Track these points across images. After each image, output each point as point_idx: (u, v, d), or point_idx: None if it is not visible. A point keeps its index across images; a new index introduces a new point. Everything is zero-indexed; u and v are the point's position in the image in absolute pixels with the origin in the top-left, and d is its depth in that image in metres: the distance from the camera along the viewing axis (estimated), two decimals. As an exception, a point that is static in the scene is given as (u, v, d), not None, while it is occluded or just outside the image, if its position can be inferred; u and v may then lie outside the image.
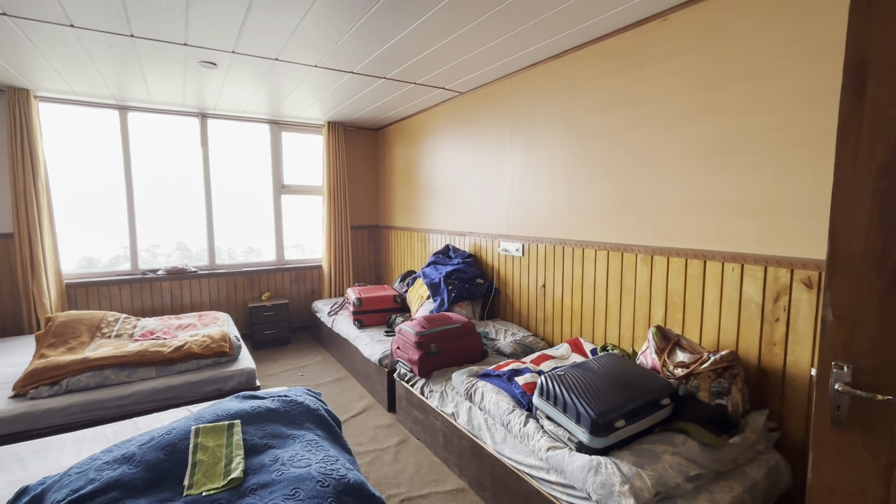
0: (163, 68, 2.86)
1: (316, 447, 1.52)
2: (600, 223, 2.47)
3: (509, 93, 3.05)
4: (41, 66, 2.86)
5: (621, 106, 2.30)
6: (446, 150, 3.82)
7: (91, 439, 1.85)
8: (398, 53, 2.63)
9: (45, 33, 2.31)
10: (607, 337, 2.48)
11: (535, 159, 2.87)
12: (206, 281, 4.27)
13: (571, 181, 2.62)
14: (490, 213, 3.33)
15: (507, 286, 3.22)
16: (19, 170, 3.32)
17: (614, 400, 1.62)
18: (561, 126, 2.67)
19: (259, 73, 2.98)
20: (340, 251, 4.79)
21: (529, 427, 1.78)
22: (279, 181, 4.66)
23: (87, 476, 1.33)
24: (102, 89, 3.36)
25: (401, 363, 2.67)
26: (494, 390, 2.04)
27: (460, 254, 3.52)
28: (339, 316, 3.89)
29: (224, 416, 1.59)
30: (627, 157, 2.29)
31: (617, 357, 1.93)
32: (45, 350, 2.56)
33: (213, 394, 2.54)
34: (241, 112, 4.16)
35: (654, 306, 2.22)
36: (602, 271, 2.48)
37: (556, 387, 1.71)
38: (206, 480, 1.33)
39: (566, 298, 2.72)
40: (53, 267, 3.53)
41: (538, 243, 2.89)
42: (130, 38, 2.38)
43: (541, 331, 2.94)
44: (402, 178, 4.62)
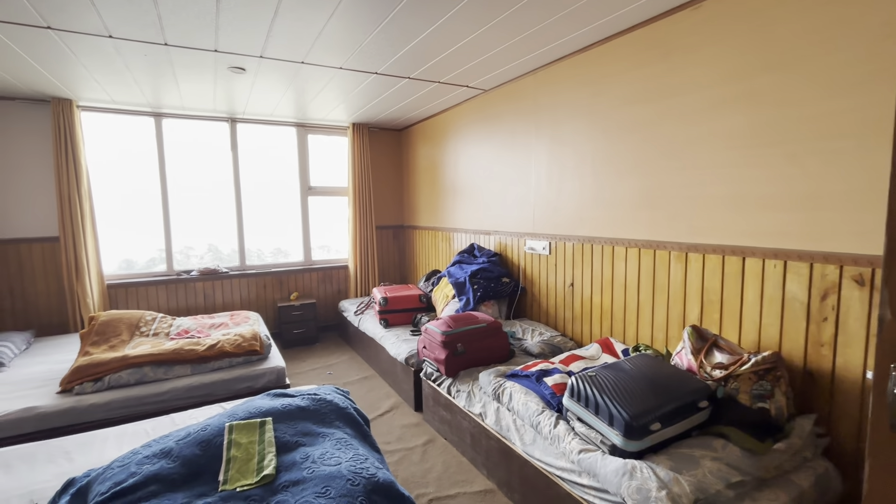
0: (194, 75, 2.95)
1: (346, 445, 1.53)
2: (630, 220, 2.40)
3: (534, 89, 3.00)
4: (83, 77, 3.00)
5: (650, 99, 2.23)
6: (470, 149, 3.80)
7: (131, 434, 1.92)
8: (421, 53, 2.63)
9: (85, 45, 2.41)
10: (639, 337, 2.41)
11: (562, 156, 2.81)
12: (236, 281, 4.39)
13: (599, 177, 2.56)
14: (515, 212, 3.29)
15: (534, 285, 3.18)
16: (63, 177, 3.50)
17: (649, 402, 1.56)
18: (587, 121, 2.61)
19: (286, 76, 3.03)
20: (366, 251, 4.84)
21: (560, 429, 1.74)
22: (306, 183, 4.74)
23: (128, 469, 1.38)
24: (139, 97, 3.49)
25: (427, 362, 2.67)
26: (523, 391, 2.01)
27: (485, 253, 3.50)
28: (366, 315, 3.92)
29: (256, 414, 1.62)
30: (657, 151, 2.22)
31: (650, 357, 1.87)
32: (88, 348, 2.68)
33: (244, 391, 2.60)
34: (268, 116, 4.26)
35: (689, 305, 2.14)
36: (633, 269, 2.41)
37: (587, 388, 1.67)
38: (239, 476, 1.36)
39: (595, 297, 2.66)
40: (96, 268, 3.70)
41: (565, 241, 2.84)
42: (165, 47, 2.46)
43: (569, 330, 2.88)
44: (426, 178, 4.63)
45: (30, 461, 1.72)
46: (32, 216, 3.61)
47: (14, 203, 3.55)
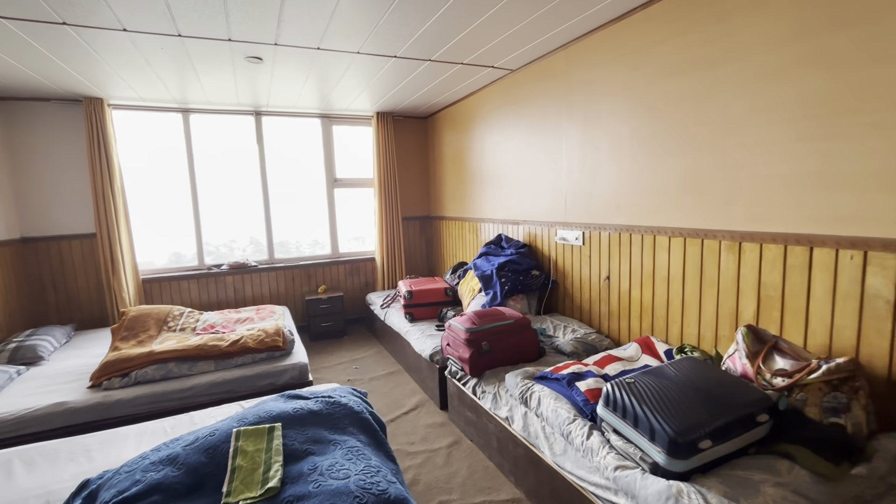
0: (213, 67, 2.91)
1: (357, 455, 1.43)
2: (674, 206, 2.15)
3: (565, 66, 2.76)
4: (109, 75, 3.02)
5: (698, 68, 1.96)
6: (497, 134, 3.60)
7: (151, 432, 1.90)
8: (441, 32, 2.46)
9: (103, 40, 2.39)
10: (684, 336, 2.18)
11: (596, 137, 2.58)
12: (265, 275, 4.41)
13: (638, 159, 2.32)
14: (546, 200, 3.07)
15: (566, 278, 2.97)
16: (98, 174, 3.58)
17: (698, 415, 1.36)
18: (625, 98, 2.36)
19: (304, 64, 2.93)
20: (392, 243, 4.75)
21: (593, 440, 1.56)
22: (332, 175, 4.69)
23: (133, 477, 1.32)
24: (164, 93, 3.51)
25: (451, 360, 2.54)
26: (552, 395, 1.84)
27: (514, 244, 3.31)
28: (392, 309, 3.84)
29: (266, 418, 1.54)
30: (706, 127, 1.96)
31: (698, 361, 1.66)
32: (118, 343, 2.73)
33: (266, 388, 2.56)
34: (292, 108, 4.21)
35: (743, 301, 1.89)
36: (677, 260, 2.17)
37: (624, 396, 1.48)
38: (243, 488, 1.28)
39: (634, 292, 2.44)
40: (131, 264, 3.79)
41: (600, 230, 2.61)
42: (179, 38, 2.41)
43: (605, 327, 2.67)
44: (452, 167, 4.46)
45: (52, 459, 1.73)
46: (71, 213, 3.73)
47: (54, 201, 3.67)
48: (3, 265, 3.29)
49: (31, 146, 3.58)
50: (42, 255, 3.67)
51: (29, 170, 3.59)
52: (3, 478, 1.61)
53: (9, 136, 3.52)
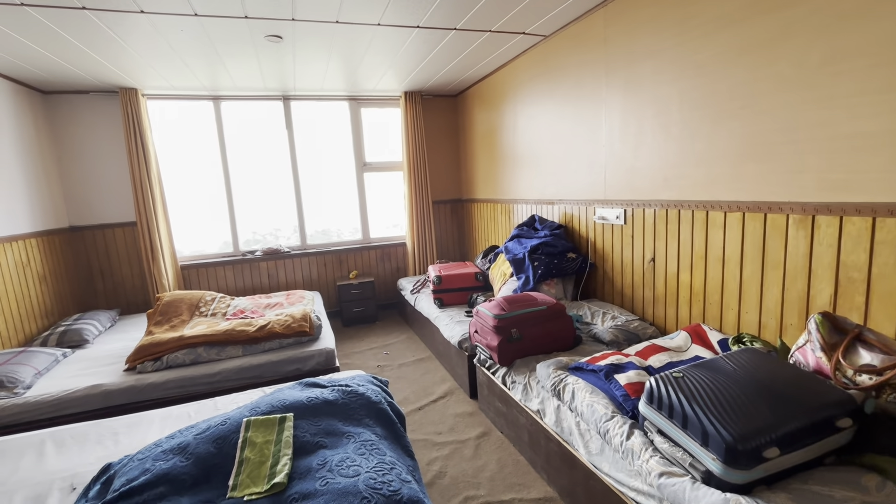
0: (235, 48, 2.85)
1: (371, 450, 1.33)
2: (732, 177, 1.88)
3: (603, 26, 2.49)
4: (140, 65, 3.05)
5: (765, 10, 1.67)
6: (530, 108, 3.36)
7: (175, 417, 1.90)
8: (465, -7, 2.26)
9: (123, 24, 2.38)
10: (741, 324, 1.92)
11: (639, 103, 2.31)
12: (298, 261, 4.43)
13: (689, 125, 2.05)
14: (583, 176, 2.84)
15: (606, 261, 2.74)
16: (135, 164, 3.67)
17: (762, 417, 1.15)
18: (673, 55, 2.08)
19: (324, 40, 2.82)
20: (423, 227, 4.63)
21: (634, 441, 1.38)
22: (361, 159, 4.61)
23: (143, 465, 1.29)
24: (194, 81, 3.52)
25: (480, 348, 2.40)
26: (588, 389, 1.66)
27: (548, 225, 3.10)
28: (422, 294, 3.74)
29: (279, 408, 1.47)
30: (774, 81, 1.68)
31: (760, 354, 1.43)
32: (152, 327, 2.79)
33: (293, 374, 2.54)
34: (319, 90, 4.14)
35: (815, 285, 1.62)
36: (734, 239, 1.91)
37: (671, 392, 1.29)
38: (249, 482, 1.21)
39: (683, 275, 2.19)
40: (169, 251, 3.89)
41: (644, 208, 2.37)
42: (196, 18, 2.35)
43: (649, 314, 2.43)
44: (484, 146, 4.26)
45: (81, 441, 1.75)
46: (113, 202, 3.86)
47: (97, 191, 3.81)
48: (53, 252, 3.46)
49: (74, 138, 3.72)
50: (89, 243, 3.83)
51: (74, 161, 3.73)
52: (34, 459, 1.64)
53: (55, 129, 3.66)
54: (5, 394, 2.17)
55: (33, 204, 3.27)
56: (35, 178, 3.33)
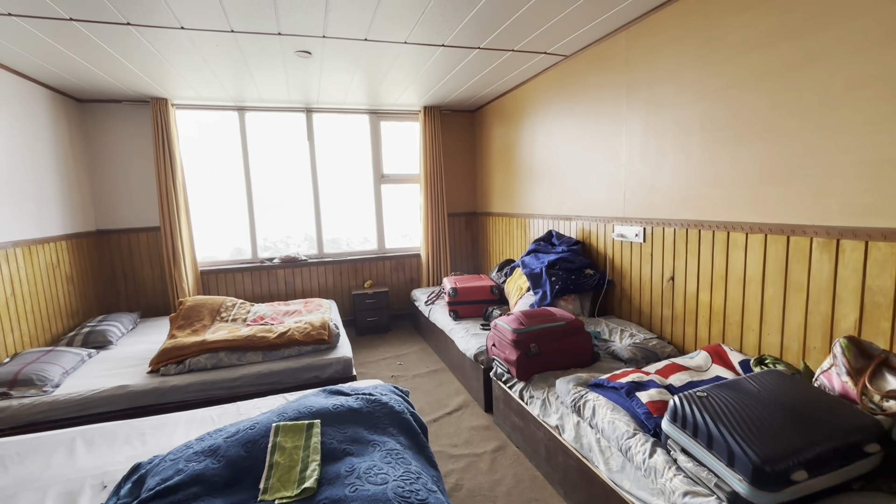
0: (265, 63, 2.96)
1: (396, 459, 1.35)
2: (753, 198, 1.90)
3: (625, 47, 2.55)
4: (172, 76, 3.16)
5: (787, 37, 1.71)
6: (549, 125, 3.41)
7: (200, 420, 1.94)
8: (490, 16, 2.33)
9: (163, 39, 2.49)
10: (763, 346, 1.92)
11: (660, 123, 2.35)
12: (314, 269, 4.49)
13: (710, 146, 2.08)
14: (602, 193, 2.87)
15: (624, 278, 2.75)
16: (162, 171, 3.78)
17: (788, 439, 1.16)
18: (694, 77, 2.12)
19: (351, 56, 2.92)
20: (438, 239, 4.68)
21: (657, 459, 1.39)
22: (379, 171, 4.69)
23: (176, 466, 1.32)
24: (221, 92, 3.64)
25: (497, 362, 2.42)
26: (609, 405, 1.67)
27: (565, 240, 3.12)
28: (436, 306, 3.77)
29: (306, 414, 1.50)
30: (797, 106, 1.70)
31: (784, 376, 1.43)
32: (175, 331, 2.85)
33: (311, 381, 2.57)
34: (341, 104, 4.24)
35: (840, 309, 1.63)
36: (756, 260, 1.92)
37: (696, 412, 1.30)
38: (280, 486, 1.24)
39: (702, 294, 2.19)
40: (190, 256, 3.98)
41: (664, 226, 2.39)
42: (232, 34, 2.46)
43: (667, 332, 2.44)
44: (500, 161, 4.32)
45: (110, 440, 1.80)
46: (139, 208, 3.97)
47: (124, 196, 3.93)
48: (82, 255, 3.56)
49: (105, 145, 3.84)
50: (114, 246, 3.94)
51: (104, 167, 3.86)
52: (66, 456, 1.69)
53: (87, 137, 3.79)
54: (35, 391, 2.23)
55: (64, 207, 3.38)
56: (67, 182, 3.45)
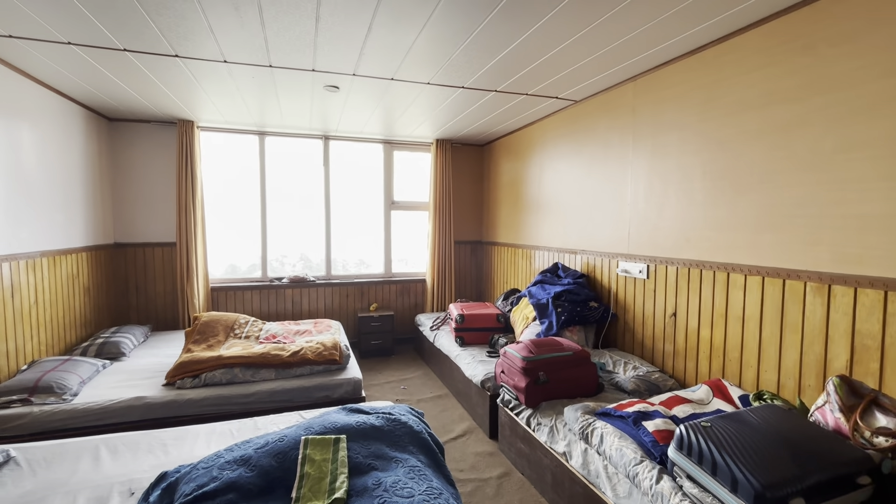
0: (294, 94, 3.15)
1: (419, 475, 1.43)
2: (751, 243, 2.05)
3: (632, 97, 2.76)
4: (202, 100, 3.35)
5: (782, 101, 1.90)
6: (556, 163, 3.61)
7: (219, 433, 2.00)
8: (510, 64, 2.54)
9: (205, 70, 2.67)
10: (760, 382, 2.03)
11: (664, 169, 2.53)
12: (322, 290, 4.58)
13: (711, 193, 2.24)
14: (607, 230, 3.02)
15: (627, 312, 2.87)
16: (183, 190, 3.92)
17: (786, 468, 1.26)
18: (697, 130, 2.31)
19: (376, 93, 3.12)
20: (444, 266, 4.81)
21: (664, 486, 1.48)
22: (389, 197, 4.86)
23: (210, 473, 1.39)
24: (246, 117, 3.83)
25: (505, 389, 2.50)
26: (617, 433, 1.76)
27: (571, 273, 3.26)
28: (441, 331, 3.85)
29: (331, 429, 1.58)
30: (791, 162, 1.88)
31: (782, 411, 1.54)
32: (191, 345, 2.91)
33: (322, 400, 2.63)
34: (358, 133, 4.44)
35: (832, 349, 1.75)
36: (754, 300, 2.05)
37: (700, 440, 1.40)
38: (311, 495, 1.31)
39: (703, 331, 2.31)
40: (203, 272, 4.07)
41: (667, 264, 2.53)
42: (269, 69, 2.65)
43: (668, 366, 2.54)
44: (508, 193, 4.50)
45: (133, 449, 1.86)
46: (156, 223, 4.09)
47: (143, 211, 4.05)
48: (99, 267, 3.65)
49: (130, 162, 3.99)
50: (129, 259, 4.03)
51: (126, 183, 3.99)
52: (91, 462, 1.74)
53: (114, 154, 3.95)
54: (55, 399, 2.28)
55: (87, 220, 3.49)
56: (92, 196, 3.57)
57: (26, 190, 2.75)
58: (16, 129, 2.66)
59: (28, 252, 2.75)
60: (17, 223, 2.67)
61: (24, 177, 2.73)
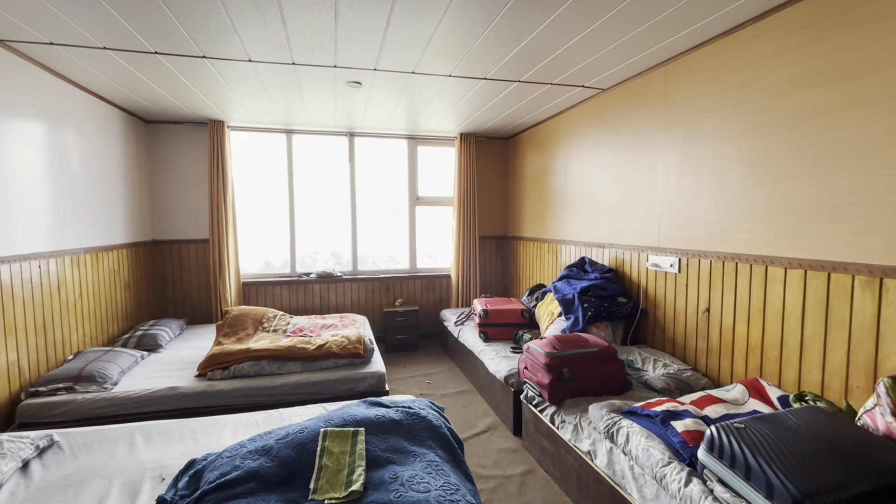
0: (317, 91, 3.19)
1: (436, 470, 1.42)
2: (793, 234, 1.92)
3: (662, 83, 2.63)
4: (231, 101, 3.44)
5: (827, 81, 1.76)
6: (583, 154, 3.50)
7: (245, 423, 2.05)
8: (532, 53, 2.48)
9: (232, 70, 2.74)
10: (802, 382, 1.90)
11: (697, 157, 2.40)
12: (349, 285, 4.65)
13: (749, 182, 2.11)
14: (636, 223, 2.91)
15: (657, 308, 2.76)
16: (215, 188, 4.05)
17: (829, 475, 1.17)
18: (732, 116, 2.18)
19: (397, 88, 3.11)
20: (468, 261, 4.78)
21: (693, 489, 1.40)
22: (414, 193, 4.87)
23: (233, 462, 1.43)
24: (273, 116, 3.91)
25: (528, 385, 2.45)
26: (643, 433, 1.69)
27: (598, 268, 3.16)
28: (465, 327, 3.83)
29: (350, 422, 1.59)
30: (837, 147, 1.74)
31: (826, 413, 1.43)
32: (221, 338, 3.01)
33: (346, 393, 2.66)
34: (382, 129, 4.47)
35: (884, 348, 1.62)
36: (795, 295, 1.92)
37: (733, 442, 1.32)
38: (329, 487, 1.32)
39: (739, 327, 2.19)
40: (235, 268, 4.20)
41: (700, 258, 2.41)
42: (292, 66, 2.68)
43: (701, 364, 2.42)
44: (533, 187, 4.42)
45: (166, 436, 1.93)
46: (190, 221, 4.25)
47: (178, 210, 4.22)
48: (138, 263, 3.83)
49: (165, 162, 4.16)
50: (166, 256, 4.21)
51: (162, 182, 4.17)
52: (127, 448, 1.82)
53: (151, 154, 4.12)
54: (96, 388, 2.41)
55: (127, 218, 3.67)
56: (131, 196, 3.74)
57: (71, 190, 2.90)
58: (61, 133, 2.81)
59: (73, 249, 2.91)
60: (63, 222, 2.82)
61: (69, 178, 2.89)
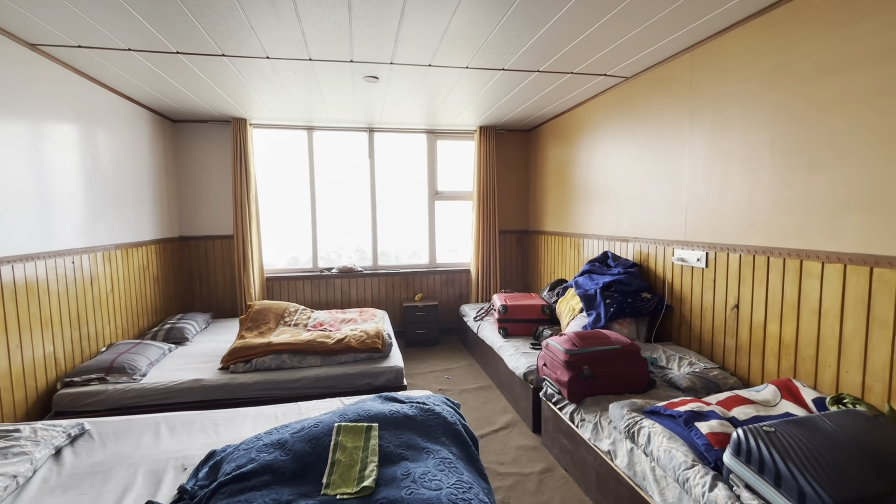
0: (335, 86, 3.19)
1: (449, 468, 1.40)
2: (830, 226, 1.80)
3: (689, 70, 2.51)
4: (252, 99, 3.49)
5: (875, 61, 1.63)
6: (606, 146, 3.40)
7: (265, 416, 2.09)
8: (551, 41, 2.40)
9: (250, 67, 2.77)
10: (840, 384, 1.79)
11: (727, 146, 2.29)
12: (369, 280, 4.68)
13: (781, 171, 2.00)
14: (661, 216, 2.80)
15: (683, 304, 2.66)
16: (238, 185, 4.13)
17: (868, 484, 1.09)
18: (765, 102, 2.06)
19: (415, 81, 3.08)
20: (488, 256, 4.73)
21: (718, 494, 1.34)
22: (433, 188, 4.84)
23: (249, 455, 1.45)
24: (294, 113, 3.95)
25: (548, 382, 2.41)
26: (666, 434, 1.63)
27: (621, 262, 3.07)
28: (485, 322, 3.80)
29: (364, 417, 1.59)
30: (882, 133, 1.62)
31: (866, 418, 1.34)
32: (244, 332, 3.08)
33: (365, 387, 2.68)
34: (401, 124, 4.45)
35: (932, 348, 1.50)
36: (833, 291, 1.80)
37: (762, 447, 1.25)
38: (341, 482, 1.32)
39: (771, 325, 2.08)
40: (258, 263, 4.29)
41: (728, 252, 2.30)
42: (309, 62, 2.69)
43: (730, 363, 2.32)
44: (554, 180, 4.32)
45: (189, 427, 1.98)
46: (215, 217, 4.36)
47: (204, 207, 4.33)
48: (166, 259, 3.95)
49: (191, 160, 4.28)
50: (192, 252, 4.33)
51: (188, 180, 4.28)
52: (152, 438, 1.88)
53: (178, 153, 4.24)
54: (126, 379, 2.50)
55: (155, 215, 3.79)
56: (159, 193, 3.86)
57: (102, 189, 3.01)
58: (93, 133, 2.92)
59: (104, 245, 3.02)
60: (95, 219, 2.93)
61: (101, 177, 3.00)
